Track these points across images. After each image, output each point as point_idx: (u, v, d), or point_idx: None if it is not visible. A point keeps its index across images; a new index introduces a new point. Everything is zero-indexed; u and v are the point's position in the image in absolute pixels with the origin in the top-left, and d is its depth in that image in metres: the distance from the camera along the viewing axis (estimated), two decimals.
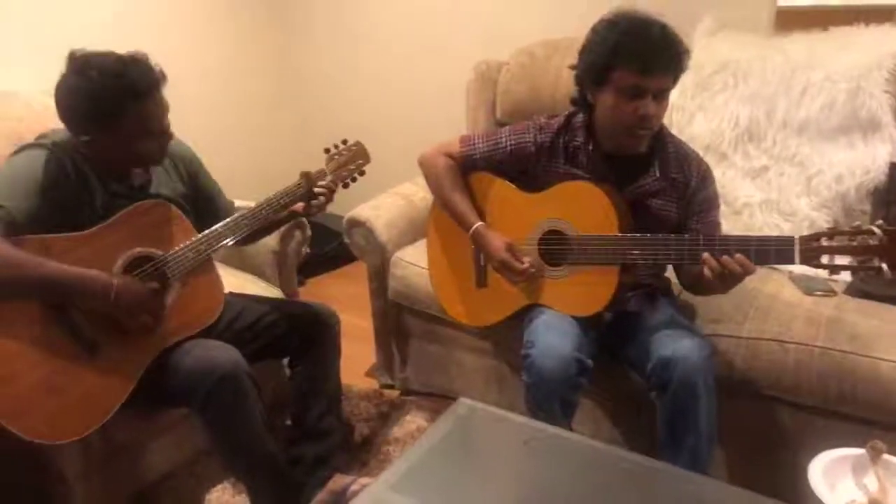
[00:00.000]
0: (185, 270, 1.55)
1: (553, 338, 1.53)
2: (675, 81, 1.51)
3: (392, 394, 2.28)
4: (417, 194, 2.26)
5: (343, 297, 2.43)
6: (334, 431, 1.75)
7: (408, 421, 2.12)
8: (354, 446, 1.99)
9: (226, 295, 1.67)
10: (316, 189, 1.69)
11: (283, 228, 1.97)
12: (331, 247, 3.15)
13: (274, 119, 3.41)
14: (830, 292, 1.78)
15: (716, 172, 1.73)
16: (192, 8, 2.97)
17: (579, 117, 1.65)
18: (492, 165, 1.75)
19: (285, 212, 1.71)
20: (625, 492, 1.28)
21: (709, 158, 1.84)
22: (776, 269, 1.91)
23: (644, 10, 1.51)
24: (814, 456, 1.22)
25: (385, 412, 2.16)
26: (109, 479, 1.65)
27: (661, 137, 1.63)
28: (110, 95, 1.40)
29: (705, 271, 1.42)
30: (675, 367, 1.46)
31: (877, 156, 1.92)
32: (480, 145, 1.75)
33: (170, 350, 1.52)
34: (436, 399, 2.20)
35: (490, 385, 2.07)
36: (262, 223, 1.66)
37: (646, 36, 1.47)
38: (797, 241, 1.37)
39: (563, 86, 2.18)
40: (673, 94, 1.54)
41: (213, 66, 3.07)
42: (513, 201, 1.72)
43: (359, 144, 1.81)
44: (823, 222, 1.95)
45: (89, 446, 1.55)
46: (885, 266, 1.30)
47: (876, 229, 1.31)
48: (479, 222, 1.71)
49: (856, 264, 1.34)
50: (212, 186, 1.77)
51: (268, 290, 2.08)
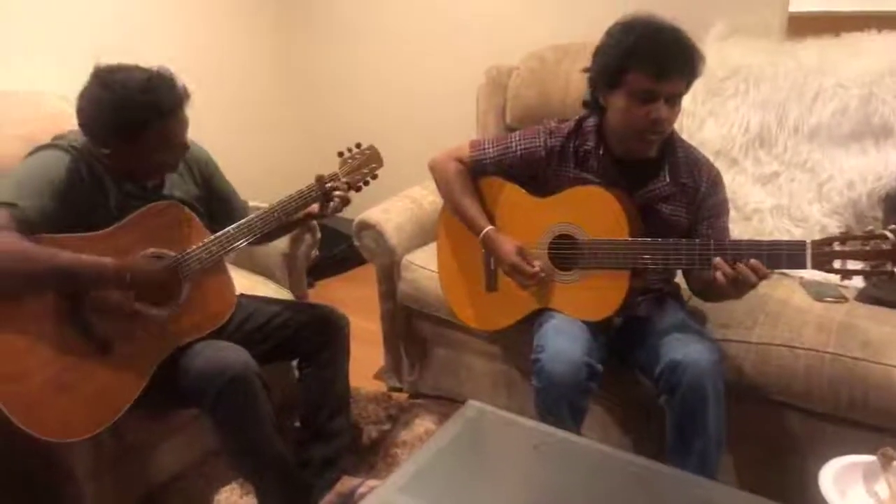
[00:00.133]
0: (198, 271, 1.56)
1: (563, 342, 1.53)
2: (688, 87, 1.50)
3: (400, 397, 2.28)
4: (427, 198, 2.26)
5: (352, 300, 2.44)
6: (343, 433, 1.75)
7: (416, 424, 2.12)
8: (362, 449, 2.00)
9: (237, 296, 1.68)
10: (334, 193, 1.69)
11: (293, 231, 1.98)
12: (340, 249, 3.16)
13: (286, 121, 3.44)
14: (841, 298, 1.77)
15: (726, 178, 1.72)
16: (207, 10, 3.00)
17: (590, 121, 1.65)
18: (502, 170, 1.75)
19: (299, 214, 1.72)
20: (633, 496, 1.27)
21: (719, 164, 1.83)
22: (786, 275, 1.90)
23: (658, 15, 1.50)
24: (824, 462, 1.21)
25: (393, 415, 2.16)
26: (120, 478, 1.67)
27: (671, 142, 1.62)
28: (135, 111, 1.41)
29: (718, 276, 1.41)
30: (685, 371, 1.45)
31: (889, 162, 1.91)
32: (490, 150, 1.76)
33: (181, 351, 1.53)
34: (444, 402, 2.20)
35: (499, 389, 2.07)
36: (275, 225, 1.67)
37: (661, 40, 1.46)
38: (809, 246, 1.36)
39: (573, 90, 2.19)
40: (684, 100, 1.53)
41: (228, 67, 3.11)
42: (523, 205, 1.72)
43: (372, 148, 1.81)
44: (835, 228, 1.94)
45: (100, 446, 1.56)
46: None
47: (889, 234, 1.30)
48: (490, 226, 1.71)
49: (868, 269, 1.32)
50: (226, 188, 1.78)
51: (278, 291, 2.08)
